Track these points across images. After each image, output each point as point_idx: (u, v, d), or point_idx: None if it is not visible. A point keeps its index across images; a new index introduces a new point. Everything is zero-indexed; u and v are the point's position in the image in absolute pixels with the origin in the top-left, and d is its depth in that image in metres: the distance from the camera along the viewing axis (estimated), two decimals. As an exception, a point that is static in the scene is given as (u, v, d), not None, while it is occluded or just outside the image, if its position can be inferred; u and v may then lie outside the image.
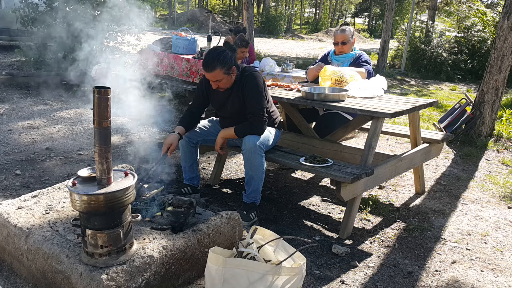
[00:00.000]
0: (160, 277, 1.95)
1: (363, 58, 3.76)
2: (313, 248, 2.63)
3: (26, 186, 3.30)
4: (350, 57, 3.81)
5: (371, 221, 3.08)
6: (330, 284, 2.29)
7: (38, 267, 2.00)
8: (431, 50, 12.21)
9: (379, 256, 2.61)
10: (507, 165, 4.52)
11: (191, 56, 5.95)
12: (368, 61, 3.77)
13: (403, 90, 9.74)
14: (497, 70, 5.15)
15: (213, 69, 2.69)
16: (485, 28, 12.25)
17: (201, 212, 2.36)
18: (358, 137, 5.14)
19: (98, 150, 1.74)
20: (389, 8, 11.73)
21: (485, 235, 2.94)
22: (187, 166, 3.11)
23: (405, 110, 2.88)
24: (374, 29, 35.67)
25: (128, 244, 1.87)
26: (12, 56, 8.37)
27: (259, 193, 2.87)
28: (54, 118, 5.27)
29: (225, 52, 2.73)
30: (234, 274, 1.83)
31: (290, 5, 36.63)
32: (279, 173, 3.99)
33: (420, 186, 3.61)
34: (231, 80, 2.80)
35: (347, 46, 3.78)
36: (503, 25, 5.02)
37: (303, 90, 3.30)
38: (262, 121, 2.80)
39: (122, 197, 1.77)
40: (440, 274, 2.45)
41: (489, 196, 3.65)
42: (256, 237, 2.06)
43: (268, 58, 5.92)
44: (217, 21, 26.30)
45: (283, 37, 26.62)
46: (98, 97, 1.67)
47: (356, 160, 3.26)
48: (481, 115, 5.29)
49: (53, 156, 4.00)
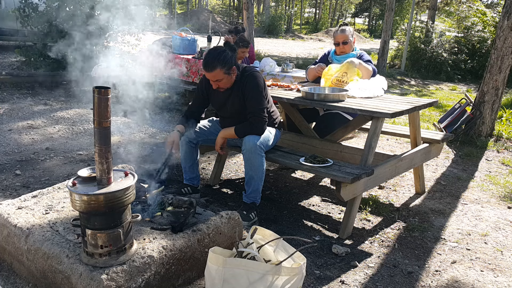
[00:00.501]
0: (160, 277, 1.95)
1: (365, 57, 3.76)
2: (313, 248, 2.63)
3: (26, 186, 3.30)
4: (351, 56, 3.81)
5: (371, 221, 3.08)
6: (330, 284, 2.29)
7: (38, 267, 2.00)
8: (431, 50, 12.21)
9: (379, 256, 2.61)
10: (507, 165, 4.52)
11: (191, 56, 5.95)
12: (370, 60, 3.77)
13: (403, 90, 9.74)
14: (497, 70, 5.15)
15: (213, 69, 2.69)
16: (485, 28, 12.25)
17: (201, 212, 2.36)
18: (358, 137, 5.14)
19: (98, 150, 1.74)
20: (389, 8, 11.74)
21: (485, 235, 2.94)
22: (187, 166, 3.11)
23: (405, 110, 2.88)
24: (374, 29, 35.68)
25: (128, 244, 1.87)
26: (12, 56, 8.37)
27: (259, 193, 2.87)
28: (54, 118, 5.27)
29: (225, 52, 2.73)
30: (234, 274, 1.83)
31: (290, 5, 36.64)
32: (279, 173, 3.99)
33: (420, 186, 3.61)
34: (231, 80, 2.80)
35: (348, 46, 3.78)
36: (503, 25, 5.02)
37: (303, 90, 3.30)
38: (262, 121, 2.80)
39: (122, 197, 1.77)
40: (440, 274, 2.45)
41: (489, 196, 3.65)
42: (256, 237, 2.06)
43: (268, 58, 5.92)
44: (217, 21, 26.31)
45: (283, 37, 26.62)
46: (98, 97, 1.67)
47: (356, 160, 3.26)
48: (481, 115, 5.29)
49: (53, 156, 4.00)
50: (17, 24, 7.27)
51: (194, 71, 5.68)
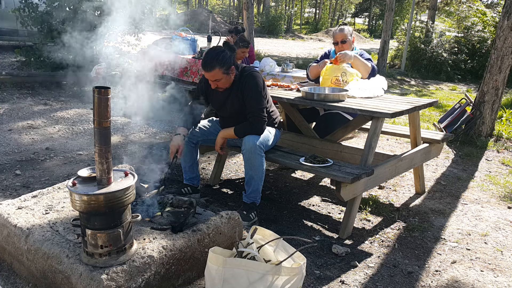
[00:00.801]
0: (160, 277, 1.95)
1: (365, 56, 3.76)
2: (313, 248, 2.63)
3: (26, 186, 3.30)
4: None
5: (371, 221, 3.08)
6: (330, 284, 2.29)
7: (38, 267, 2.00)
8: (431, 50, 12.21)
9: (379, 256, 2.61)
10: (507, 165, 4.52)
11: (191, 56, 5.95)
12: (370, 59, 3.77)
13: (403, 90, 9.74)
14: (497, 70, 5.15)
15: (212, 69, 2.70)
16: (485, 28, 12.26)
17: (201, 212, 2.36)
18: (358, 137, 5.14)
19: (98, 150, 1.74)
20: (389, 8, 11.74)
21: (485, 235, 2.94)
22: (187, 166, 3.11)
23: (405, 110, 2.88)
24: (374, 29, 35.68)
25: (128, 244, 1.87)
26: (12, 56, 8.37)
27: (259, 193, 2.87)
28: (54, 118, 5.27)
29: (224, 52, 2.73)
30: (234, 274, 1.83)
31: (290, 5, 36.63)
32: (279, 173, 3.99)
33: (420, 186, 3.61)
34: (230, 80, 2.80)
35: (347, 45, 3.77)
36: (503, 25, 5.02)
37: (303, 90, 3.30)
38: (262, 121, 2.80)
39: (122, 197, 1.77)
40: (440, 274, 2.45)
41: (489, 196, 3.65)
42: (256, 237, 2.06)
43: (268, 58, 5.92)
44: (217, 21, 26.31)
45: (283, 37, 26.62)
46: (98, 97, 1.67)
47: (356, 160, 3.26)
48: (481, 115, 5.29)
49: (53, 156, 4.00)
50: (17, 24, 7.27)
51: (194, 71, 5.68)
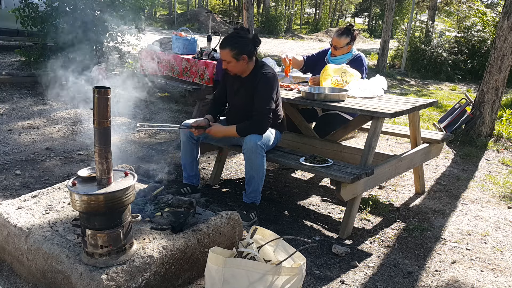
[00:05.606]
0: (160, 277, 1.95)
1: (358, 61, 3.72)
2: (313, 248, 2.63)
3: (26, 186, 3.30)
4: (346, 58, 3.79)
5: (371, 221, 3.08)
6: (330, 284, 2.29)
7: (38, 267, 2.00)
8: (431, 50, 12.20)
9: (379, 256, 2.61)
10: (507, 165, 4.52)
11: (191, 56, 5.94)
12: (364, 64, 3.75)
13: (403, 90, 9.73)
14: (497, 70, 5.15)
15: (223, 48, 2.79)
16: (485, 28, 12.25)
17: (201, 212, 2.36)
18: (358, 137, 5.13)
19: (98, 150, 1.74)
20: (389, 8, 11.73)
21: (485, 235, 2.94)
22: (187, 163, 3.10)
23: (405, 110, 2.88)
24: (374, 29, 35.64)
25: (128, 244, 1.87)
26: (12, 56, 8.36)
27: (259, 193, 2.87)
28: (54, 118, 5.27)
29: (242, 39, 2.78)
30: (234, 274, 1.83)
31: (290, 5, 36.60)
32: (279, 173, 3.99)
33: (420, 186, 3.61)
34: (241, 67, 2.83)
35: (339, 52, 3.77)
36: (503, 25, 5.02)
37: (303, 90, 3.30)
38: (266, 121, 2.80)
39: (122, 197, 1.77)
40: (440, 274, 2.45)
41: (489, 196, 3.65)
42: (256, 237, 2.06)
43: (268, 58, 5.92)
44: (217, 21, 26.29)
45: (283, 37, 26.60)
46: (98, 97, 1.67)
47: (356, 160, 3.26)
48: (481, 115, 5.29)
49: (53, 156, 4.00)
50: (17, 24, 7.26)
51: (194, 71, 5.68)
